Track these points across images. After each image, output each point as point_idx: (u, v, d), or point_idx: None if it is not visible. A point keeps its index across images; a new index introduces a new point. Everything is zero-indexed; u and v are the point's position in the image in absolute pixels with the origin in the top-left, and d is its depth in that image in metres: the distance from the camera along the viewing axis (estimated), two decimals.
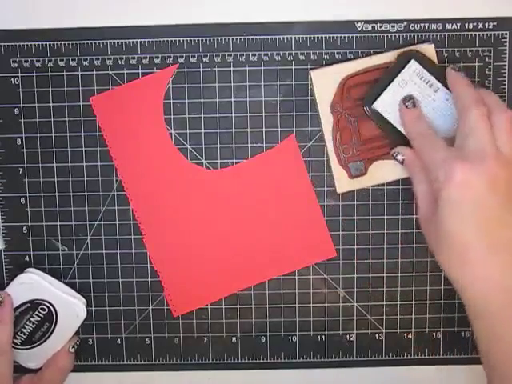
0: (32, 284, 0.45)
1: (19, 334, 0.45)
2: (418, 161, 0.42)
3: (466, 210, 0.37)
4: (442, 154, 0.39)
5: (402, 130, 0.44)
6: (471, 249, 0.37)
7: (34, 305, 0.45)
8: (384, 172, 0.46)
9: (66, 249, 0.47)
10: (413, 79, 0.43)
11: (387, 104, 0.44)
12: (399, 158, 0.43)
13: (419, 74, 0.43)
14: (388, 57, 0.44)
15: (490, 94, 0.41)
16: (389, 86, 0.43)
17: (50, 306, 0.45)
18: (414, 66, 0.43)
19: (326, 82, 0.44)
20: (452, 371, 0.48)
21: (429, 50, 0.44)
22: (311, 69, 0.45)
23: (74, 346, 0.46)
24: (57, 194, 0.47)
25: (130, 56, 0.46)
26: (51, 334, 0.45)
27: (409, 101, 0.43)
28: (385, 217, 0.47)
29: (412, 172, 0.43)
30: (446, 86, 0.43)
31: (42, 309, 0.45)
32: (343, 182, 0.46)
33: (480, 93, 0.40)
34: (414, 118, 0.42)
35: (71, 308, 0.45)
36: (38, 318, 0.45)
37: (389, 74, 0.44)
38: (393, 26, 0.45)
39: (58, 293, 0.45)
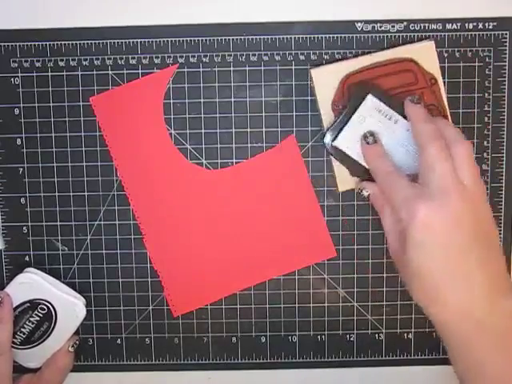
0: (31, 284, 0.45)
1: (19, 333, 0.45)
2: (382, 196, 0.42)
3: (433, 249, 0.37)
4: (404, 192, 0.38)
5: (364, 164, 0.43)
6: (439, 284, 0.37)
7: (33, 304, 0.45)
8: None
9: (66, 249, 0.47)
10: (371, 113, 0.43)
11: (348, 140, 0.43)
12: (364, 193, 0.43)
13: (377, 107, 0.43)
14: (388, 54, 0.44)
15: (448, 125, 0.41)
16: (348, 123, 0.43)
17: (50, 306, 0.45)
18: (370, 100, 0.43)
19: (326, 80, 0.44)
20: (452, 371, 0.48)
21: (429, 47, 0.44)
22: (311, 67, 0.45)
23: (73, 346, 0.46)
24: (57, 194, 0.47)
25: (130, 56, 0.46)
26: (50, 333, 0.45)
27: (369, 137, 0.42)
28: None
29: (378, 207, 0.43)
30: (404, 116, 0.42)
31: (41, 308, 0.45)
32: (344, 180, 0.46)
33: (438, 124, 0.40)
34: (375, 155, 0.42)
35: (70, 308, 0.45)
36: (38, 318, 0.45)
37: (347, 110, 0.43)
38: (393, 26, 0.45)
39: (58, 292, 0.45)
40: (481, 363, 0.37)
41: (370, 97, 0.43)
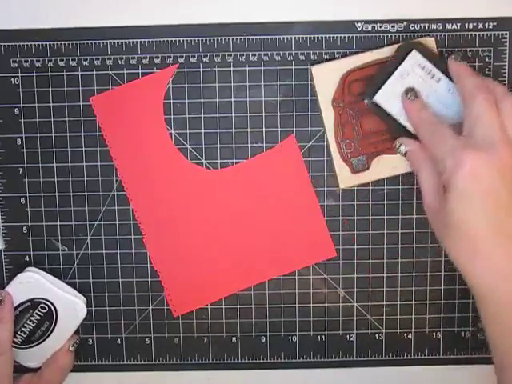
0: (32, 283, 0.45)
1: (19, 333, 0.45)
2: (422, 151, 0.41)
3: (477, 199, 0.36)
4: (450, 143, 0.38)
5: (403, 122, 0.43)
6: (480, 238, 0.37)
7: (33, 304, 0.45)
8: (386, 167, 0.45)
9: (66, 249, 0.47)
10: (414, 70, 0.43)
11: (388, 96, 0.43)
12: (402, 149, 0.43)
13: (420, 64, 0.43)
14: (388, 51, 0.44)
15: (496, 83, 0.40)
16: (390, 78, 0.43)
17: (50, 305, 0.45)
18: (415, 56, 0.43)
19: (326, 78, 0.44)
20: (452, 371, 0.48)
21: (429, 43, 0.44)
22: (311, 64, 0.45)
23: (73, 345, 0.46)
24: (57, 194, 0.47)
25: (130, 56, 0.46)
26: (51, 332, 0.45)
27: (411, 93, 0.42)
28: (385, 217, 0.47)
29: (416, 163, 0.42)
30: (447, 76, 0.42)
31: (41, 308, 0.45)
32: (345, 178, 0.45)
33: (485, 82, 0.40)
34: (418, 108, 0.42)
35: (71, 307, 0.45)
36: (38, 317, 0.45)
37: (389, 65, 0.43)
38: (393, 26, 0.45)
39: (58, 291, 0.45)
40: None
41: (414, 53, 0.43)
